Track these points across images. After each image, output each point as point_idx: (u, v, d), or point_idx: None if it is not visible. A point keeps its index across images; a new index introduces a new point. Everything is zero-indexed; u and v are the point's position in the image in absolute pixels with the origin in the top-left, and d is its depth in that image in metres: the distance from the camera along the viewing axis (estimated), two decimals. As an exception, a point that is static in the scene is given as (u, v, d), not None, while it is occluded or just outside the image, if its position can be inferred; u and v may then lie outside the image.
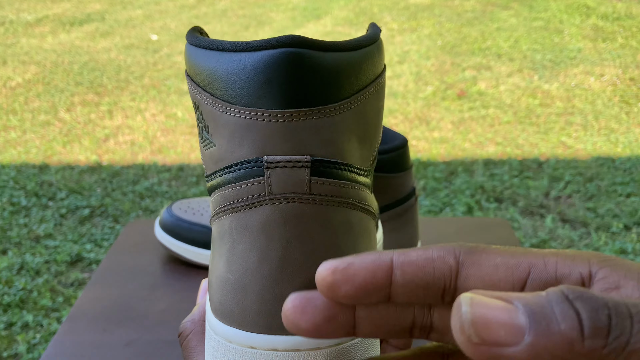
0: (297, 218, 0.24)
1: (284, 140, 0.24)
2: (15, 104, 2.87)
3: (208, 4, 5.08)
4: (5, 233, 1.81)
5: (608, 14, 4.29)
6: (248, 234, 0.25)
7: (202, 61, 0.26)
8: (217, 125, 0.25)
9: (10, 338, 1.38)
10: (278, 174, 0.24)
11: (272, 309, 0.24)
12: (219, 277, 0.26)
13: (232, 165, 0.25)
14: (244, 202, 0.25)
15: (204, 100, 0.26)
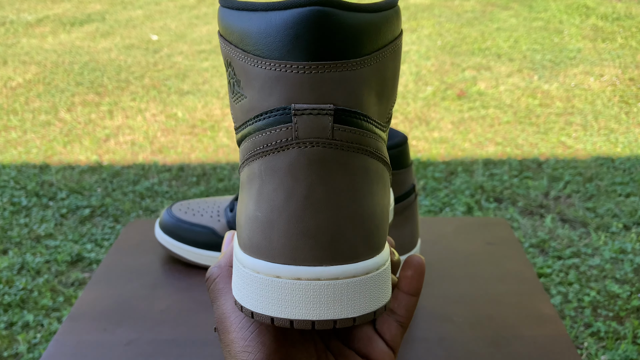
0: (320, 161, 0.27)
1: (310, 90, 0.26)
2: (15, 104, 2.87)
3: (208, 4, 5.08)
4: (6, 233, 1.82)
5: (608, 14, 4.29)
6: (276, 175, 0.27)
7: (235, 21, 0.28)
8: (248, 78, 0.28)
9: (10, 338, 1.38)
10: (304, 121, 0.27)
11: (297, 242, 0.27)
12: (248, 215, 0.28)
13: (262, 114, 0.28)
14: (272, 146, 0.27)
15: (237, 57, 0.28)
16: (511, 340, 0.54)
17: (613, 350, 1.29)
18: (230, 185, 2.07)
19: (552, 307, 0.58)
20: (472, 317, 0.57)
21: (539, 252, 1.66)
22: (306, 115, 0.26)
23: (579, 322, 1.38)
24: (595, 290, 1.49)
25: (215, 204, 0.64)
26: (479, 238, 0.70)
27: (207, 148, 2.37)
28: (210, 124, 2.61)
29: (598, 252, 1.66)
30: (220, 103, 2.85)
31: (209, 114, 2.72)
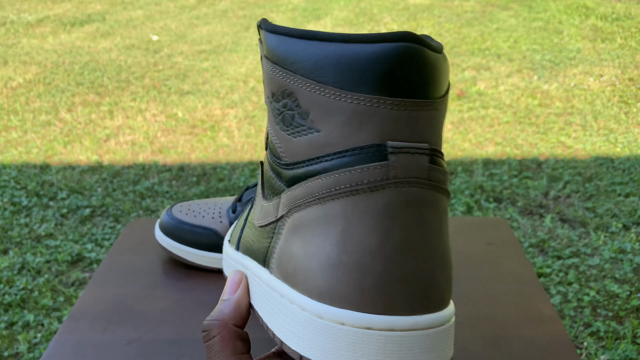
0: (418, 202, 0.26)
1: (405, 128, 0.26)
2: (16, 104, 2.88)
3: (208, 5, 5.08)
4: (6, 233, 1.82)
5: (607, 15, 4.29)
6: (369, 216, 0.26)
7: (302, 50, 0.27)
8: (325, 112, 0.26)
9: (11, 337, 1.38)
10: (402, 159, 0.26)
11: (392, 289, 0.25)
12: (328, 259, 0.26)
13: (348, 150, 0.26)
14: (364, 185, 0.26)
15: (307, 87, 0.27)
16: (510, 340, 0.54)
17: (612, 350, 1.30)
18: (230, 185, 2.07)
19: (552, 306, 0.58)
20: (472, 317, 0.57)
21: (538, 252, 1.66)
22: (404, 154, 0.26)
23: (578, 322, 1.38)
24: (595, 290, 1.49)
25: (217, 205, 0.64)
26: (479, 238, 0.70)
27: (207, 148, 2.37)
28: (211, 124, 2.61)
29: (597, 252, 1.66)
30: (220, 103, 2.85)
31: (209, 114, 2.72)
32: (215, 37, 4.06)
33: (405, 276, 0.25)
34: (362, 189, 0.26)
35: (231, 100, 2.88)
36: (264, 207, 0.32)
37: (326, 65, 0.26)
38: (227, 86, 3.08)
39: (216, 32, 4.19)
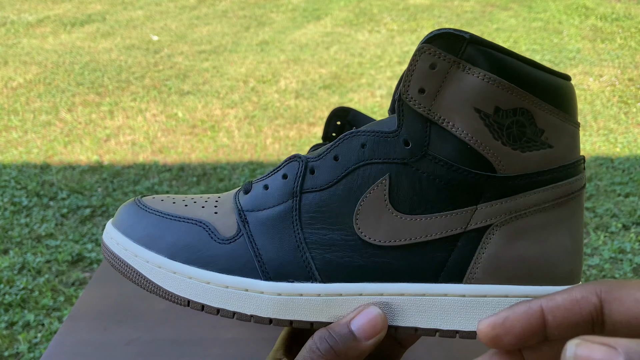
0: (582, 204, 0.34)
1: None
2: (16, 104, 2.88)
3: (208, 5, 5.08)
4: (7, 233, 1.82)
5: (607, 15, 4.29)
6: (579, 213, 0.33)
7: (539, 76, 0.31)
8: (558, 132, 0.31)
9: (11, 337, 1.39)
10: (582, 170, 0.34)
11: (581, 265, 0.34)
12: (567, 250, 0.33)
13: (572, 163, 0.32)
14: (576, 191, 0.33)
15: (544, 109, 0.31)
16: (510, 339, 0.54)
17: (612, 350, 1.30)
18: (230, 185, 2.07)
19: (551, 306, 0.58)
20: (471, 316, 0.57)
21: (538, 252, 1.67)
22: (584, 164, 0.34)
23: (578, 322, 1.38)
24: (595, 290, 1.49)
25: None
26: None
27: (207, 148, 2.37)
28: (211, 124, 2.61)
29: (597, 252, 1.66)
30: (220, 103, 2.85)
31: (209, 114, 2.72)
32: (215, 37, 4.06)
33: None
34: (574, 195, 0.33)
35: (231, 101, 2.88)
36: (406, 222, 0.32)
37: (558, 92, 0.31)
38: (227, 86, 3.08)
39: (216, 32, 4.19)
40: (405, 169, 0.31)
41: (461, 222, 0.31)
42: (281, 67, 3.38)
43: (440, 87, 0.30)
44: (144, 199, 0.38)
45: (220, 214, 0.35)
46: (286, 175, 0.34)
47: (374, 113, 2.68)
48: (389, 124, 0.32)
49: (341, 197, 0.32)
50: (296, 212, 0.33)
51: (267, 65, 3.42)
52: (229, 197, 0.37)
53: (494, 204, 0.31)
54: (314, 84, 3.09)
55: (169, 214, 0.35)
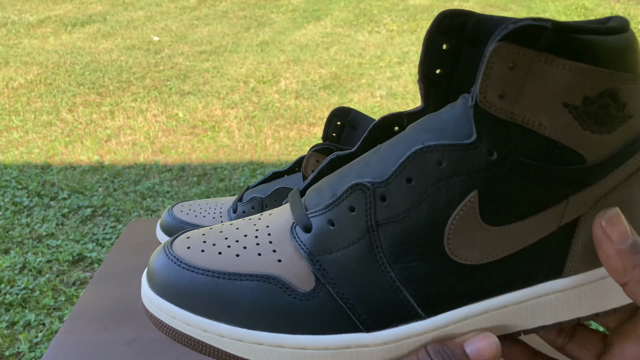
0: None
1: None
2: (17, 105, 2.88)
3: (209, 5, 5.08)
4: (8, 232, 1.82)
5: (606, 16, 4.30)
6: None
7: (619, 45, 0.28)
8: (636, 97, 0.29)
9: (12, 337, 1.39)
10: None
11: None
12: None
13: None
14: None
15: (625, 80, 0.28)
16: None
17: (611, 350, 1.30)
18: (230, 185, 2.08)
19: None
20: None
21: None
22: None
23: (577, 322, 1.38)
24: (594, 291, 1.49)
25: (218, 205, 0.64)
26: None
27: (207, 148, 2.38)
28: (211, 124, 2.61)
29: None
30: (220, 103, 2.85)
31: (209, 114, 2.72)
32: (215, 37, 4.06)
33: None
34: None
35: (231, 101, 2.88)
36: (501, 235, 0.29)
37: (630, 54, 0.29)
38: (227, 86, 3.08)
39: (217, 32, 4.19)
40: (493, 180, 0.28)
41: (555, 220, 0.30)
42: (281, 68, 3.38)
43: (522, 87, 0.27)
44: (179, 253, 0.32)
45: (285, 260, 0.30)
46: (353, 208, 0.30)
47: (373, 113, 2.68)
48: (459, 129, 0.29)
49: (425, 223, 0.29)
50: (378, 250, 0.29)
51: (267, 65, 3.42)
52: (283, 232, 0.31)
53: (584, 194, 0.29)
54: (314, 85, 3.09)
55: (223, 273, 0.30)
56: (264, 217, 0.33)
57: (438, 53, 0.31)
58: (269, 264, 0.30)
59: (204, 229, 0.34)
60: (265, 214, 0.34)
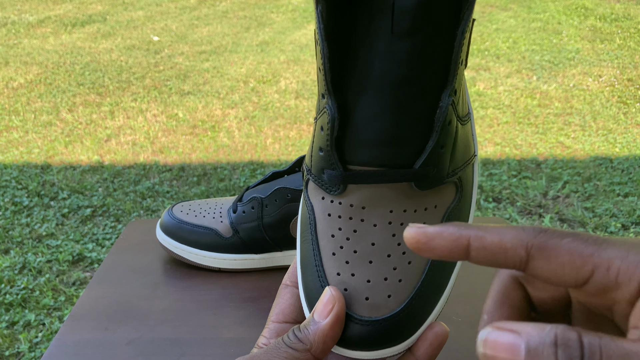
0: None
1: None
2: (17, 105, 2.88)
3: (209, 5, 5.08)
4: (8, 232, 1.82)
5: (606, 15, 4.29)
6: None
7: None
8: None
9: (12, 337, 1.39)
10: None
11: None
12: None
13: None
14: None
15: None
16: (508, 339, 0.54)
17: (611, 349, 1.30)
18: (230, 185, 2.08)
19: (549, 306, 0.59)
20: (472, 316, 0.57)
21: (538, 252, 1.67)
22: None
23: (577, 322, 1.39)
24: (594, 290, 1.49)
25: (217, 205, 0.64)
26: (477, 238, 0.71)
27: (207, 148, 2.38)
28: (211, 124, 2.61)
29: (597, 252, 1.66)
30: (220, 103, 2.85)
31: (209, 114, 2.72)
32: (215, 37, 4.07)
33: None
34: None
35: (231, 101, 2.88)
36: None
37: None
38: (227, 86, 3.08)
39: (216, 32, 4.19)
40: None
41: None
42: (281, 68, 3.38)
43: None
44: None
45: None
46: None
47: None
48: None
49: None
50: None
51: (267, 65, 3.42)
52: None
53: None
54: (314, 84, 3.09)
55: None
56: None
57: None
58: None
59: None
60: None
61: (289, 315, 0.34)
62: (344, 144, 0.31)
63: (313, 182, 0.34)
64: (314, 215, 0.34)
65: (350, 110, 0.31)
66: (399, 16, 0.29)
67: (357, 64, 0.30)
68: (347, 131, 0.31)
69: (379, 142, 0.30)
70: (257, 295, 0.59)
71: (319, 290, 0.32)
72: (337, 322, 0.30)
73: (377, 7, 0.29)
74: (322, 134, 0.31)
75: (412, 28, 0.29)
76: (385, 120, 0.30)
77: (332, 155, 0.31)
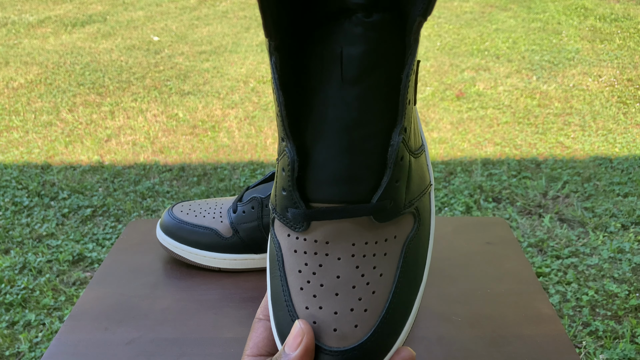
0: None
1: None
2: (17, 105, 2.88)
3: (209, 6, 5.08)
4: (8, 232, 1.82)
5: (606, 15, 4.29)
6: None
7: None
8: None
9: (12, 337, 1.39)
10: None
11: None
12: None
13: None
14: None
15: None
16: (510, 339, 0.54)
17: (611, 349, 1.30)
18: (230, 185, 2.08)
19: (551, 306, 0.59)
20: (471, 316, 0.57)
21: (537, 252, 1.67)
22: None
23: (577, 321, 1.39)
24: (594, 290, 1.49)
25: (217, 205, 0.64)
26: (478, 238, 0.71)
27: (207, 148, 2.38)
28: (211, 124, 2.61)
29: (596, 252, 1.66)
30: (220, 104, 2.85)
31: (209, 114, 2.72)
32: (215, 37, 4.06)
33: None
34: None
35: (232, 101, 2.88)
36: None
37: None
38: (227, 87, 3.08)
39: (217, 32, 4.19)
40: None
41: None
42: (281, 68, 3.38)
43: None
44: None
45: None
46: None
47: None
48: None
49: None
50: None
51: (267, 65, 3.42)
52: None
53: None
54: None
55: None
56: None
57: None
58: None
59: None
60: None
61: (262, 349, 0.36)
62: (305, 184, 0.33)
63: (278, 220, 0.36)
64: (281, 252, 0.35)
65: (308, 152, 0.33)
66: (347, 64, 0.31)
67: (312, 110, 0.32)
68: (307, 171, 0.33)
69: (338, 181, 0.32)
70: (257, 295, 0.59)
71: (289, 324, 0.33)
72: (306, 353, 0.31)
73: (327, 56, 0.31)
74: (284, 175, 0.33)
75: (360, 74, 0.31)
76: (342, 161, 0.32)
77: (294, 194, 0.33)
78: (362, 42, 0.31)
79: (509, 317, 0.57)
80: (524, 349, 0.53)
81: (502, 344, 0.54)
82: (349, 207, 0.33)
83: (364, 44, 0.31)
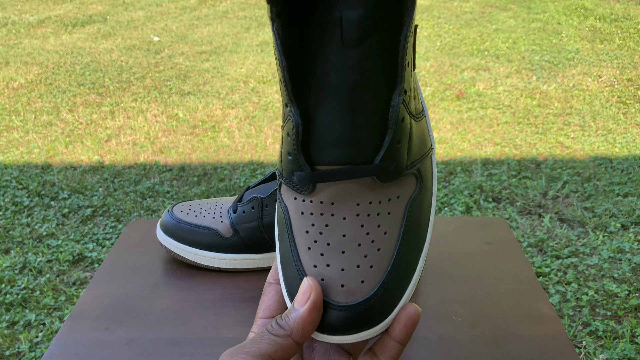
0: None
1: None
2: (17, 105, 2.88)
3: (209, 6, 5.08)
4: (8, 232, 1.82)
5: (606, 15, 4.29)
6: None
7: None
8: None
9: (12, 337, 1.39)
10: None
11: None
12: None
13: None
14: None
15: None
16: (510, 339, 0.54)
17: (611, 349, 1.30)
18: (230, 185, 2.08)
19: (551, 306, 0.59)
20: (471, 316, 0.57)
21: (537, 252, 1.67)
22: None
23: (577, 321, 1.39)
24: (594, 290, 1.49)
25: (218, 205, 0.64)
26: (478, 238, 0.71)
27: (207, 148, 2.38)
28: (211, 124, 2.61)
29: (596, 252, 1.66)
30: (220, 104, 2.85)
31: (209, 114, 2.72)
32: (215, 38, 4.07)
33: None
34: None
35: (232, 101, 2.89)
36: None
37: None
38: (227, 87, 3.08)
39: (217, 33, 4.19)
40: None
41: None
42: (281, 68, 3.38)
43: None
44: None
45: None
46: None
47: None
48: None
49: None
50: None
51: (267, 65, 3.42)
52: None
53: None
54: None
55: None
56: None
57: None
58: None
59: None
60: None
61: (274, 311, 0.37)
62: (310, 147, 0.34)
63: (285, 184, 0.37)
64: (289, 215, 0.36)
65: (312, 116, 0.34)
66: (347, 28, 0.32)
67: (314, 74, 0.33)
68: (311, 135, 0.34)
69: (341, 143, 0.33)
70: (257, 295, 0.59)
71: (298, 282, 0.34)
72: (314, 308, 0.32)
73: (327, 21, 0.32)
74: (288, 140, 0.34)
75: (359, 38, 0.32)
76: (344, 123, 0.33)
77: (300, 158, 0.34)
78: (361, 6, 0.32)
79: (509, 317, 0.57)
80: (524, 349, 0.53)
81: (502, 344, 0.54)
82: (353, 168, 0.34)
83: (363, 8, 0.32)
